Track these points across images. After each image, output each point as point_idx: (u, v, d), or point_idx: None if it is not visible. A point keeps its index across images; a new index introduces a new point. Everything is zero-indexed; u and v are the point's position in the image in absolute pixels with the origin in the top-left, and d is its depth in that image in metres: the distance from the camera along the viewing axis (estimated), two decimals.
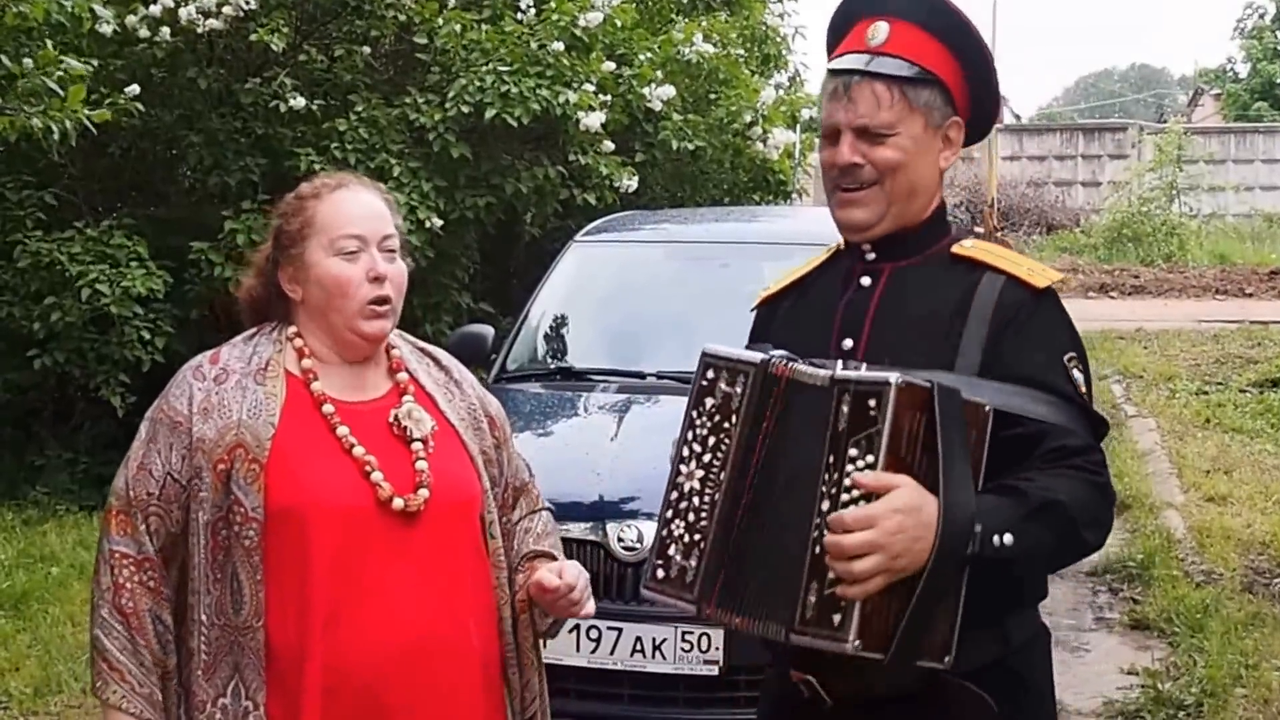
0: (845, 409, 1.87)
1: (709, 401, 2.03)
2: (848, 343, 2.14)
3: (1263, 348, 12.28)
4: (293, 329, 2.30)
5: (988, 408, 1.94)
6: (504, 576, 2.33)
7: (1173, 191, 21.88)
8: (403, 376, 2.33)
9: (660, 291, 5.83)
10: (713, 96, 9.56)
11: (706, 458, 2.02)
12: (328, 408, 2.24)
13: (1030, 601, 2.18)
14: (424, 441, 2.26)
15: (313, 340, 2.29)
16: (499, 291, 9.05)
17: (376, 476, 2.19)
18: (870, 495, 1.85)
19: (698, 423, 2.04)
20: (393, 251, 2.28)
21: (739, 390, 2.01)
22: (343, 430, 2.22)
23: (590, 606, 2.31)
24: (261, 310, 2.35)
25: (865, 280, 2.18)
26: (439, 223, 7.73)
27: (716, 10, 10.46)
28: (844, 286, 2.20)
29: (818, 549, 1.86)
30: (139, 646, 2.16)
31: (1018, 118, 36.48)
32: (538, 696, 2.40)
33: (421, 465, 2.23)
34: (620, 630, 4.11)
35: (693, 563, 2.01)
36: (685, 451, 2.04)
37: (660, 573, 2.05)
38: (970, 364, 2.04)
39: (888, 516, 1.83)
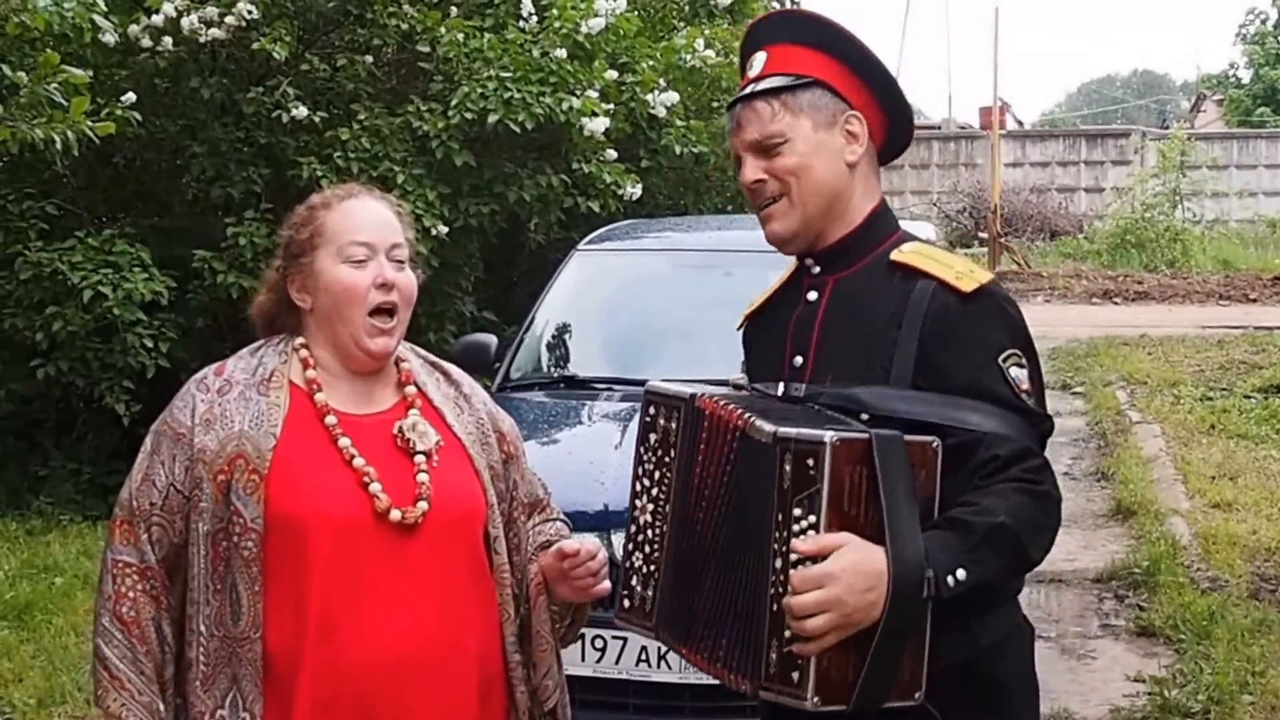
0: (788, 468, 1.89)
1: (652, 437, 2.14)
2: (798, 360, 2.19)
3: (1267, 353, 12.28)
4: (300, 340, 2.31)
5: (935, 445, 1.96)
6: (508, 593, 2.32)
7: (1176, 197, 21.92)
8: (411, 390, 2.32)
9: (663, 299, 5.82)
10: (715, 104, 9.56)
11: (655, 491, 2.12)
12: (330, 419, 2.23)
13: (1002, 601, 2.17)
14: (427, 455, 2.25)
15: (319, 351, 2.29)
16: (502, 300, 9.06)
17: (375, 488, 2.19)
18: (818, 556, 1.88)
19: (645, 458, 2.14)
20: (401, 261, 2.29)
21: (674, 426, 2.10)
22: (344, 441, 2.22)
23: (606, 585, 2.30)
24: (272, 323, 2.36)
25: (812, 295, 2.23)
26: (444, 230, 7.72)
27: (718, 18, 10.45)
28: (794, 303, 2.25)
29: (775, 606, 1.91)
30: (139, 655, 2.16)
31: (1020, 124, 36.48)
32: (558, 688, 2.38)
33: (422, 478, 2.22)
34: (625, 639, 4.10)
35: (650, 593, 2.13)
36: (638, 486, 2.14)
37: (625, 603, 2.17)
38: (903, 375, 2.07)
39: (835, 576, 1.87)
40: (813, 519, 1.87)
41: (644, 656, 4.10)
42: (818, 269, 2.23)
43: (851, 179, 2.21)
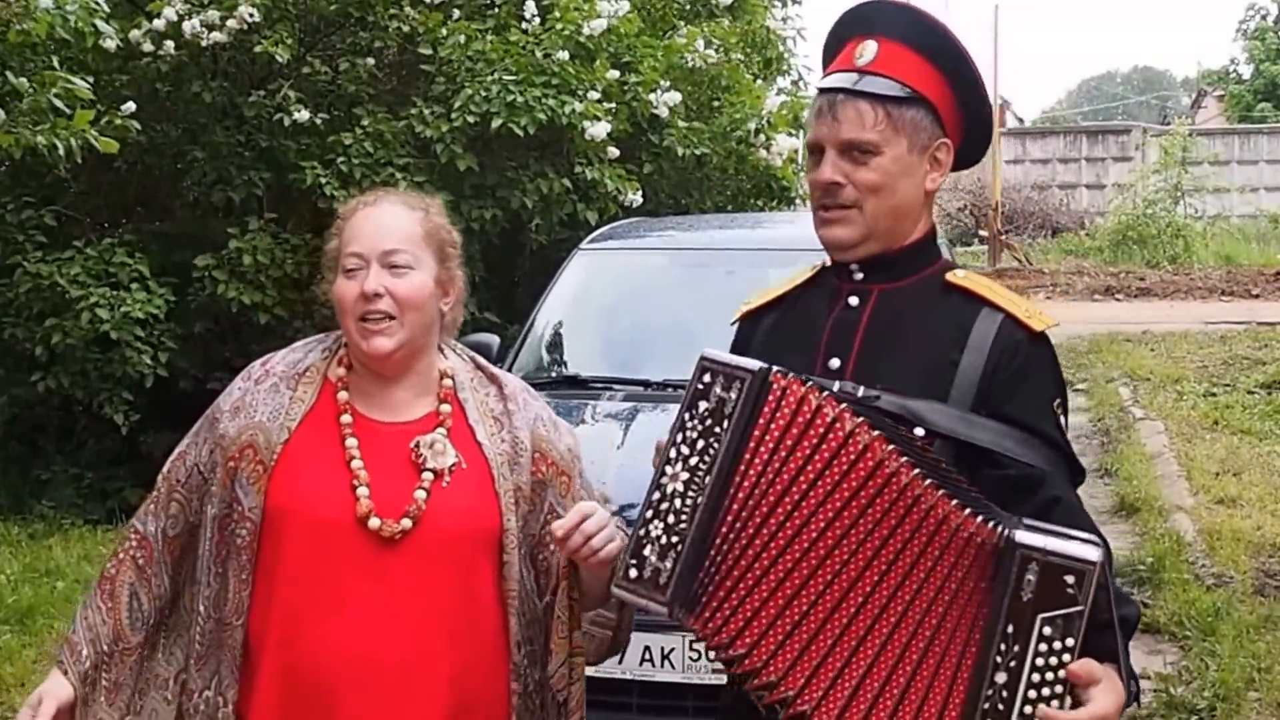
0: (1031, 579, 1.79)
1: (702, 405, 2.02)
2: (834, 362, 2.13)
3: (1270, 349, 12.27)
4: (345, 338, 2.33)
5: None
6: (519, 620, 2.26)
7: (1177, 193, 21.90)
8: (445, 409, 2.30)
9: (665, 299, 5.82)
10: (715, 103, 9.55)
11: (694, 461, 2.00)
12: (345, 418, 2.25)
13: None
14: (437, 474, 2.22)
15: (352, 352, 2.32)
16: (504, 300, 9.05)
17: (361, 491, 2.18)
18: (1067, 683, 1.79)
19: (689, 425, 2.01)
20: (399, 267, 2.24)
21: (733, 397, 1.99)
22: (351, 442, 2.22)
23: (611, 546, 2.17)
24: None
25: (853, 300, 2.16)
26: None
27: (719, 16, 10.44)
28: (830, 305, 2.19)
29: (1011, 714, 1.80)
30: (92, 606, 2.27)
31: (1020, 121, 36.47)
32: (574, 681, 2.29)
33: (419, 495, 2.20)
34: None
35: (668, 564, 2.00)
36: (673, 453, 2.02)
37: (633, 572, 2.02)
38: (964, 398, 2.05)
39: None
40: (1070, 642, 1.77)
41: (647, 656, 4.10)
42: (861, 275, 2.17)
43: (923, 204, 2.18)
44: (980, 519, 1.85)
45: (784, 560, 1.94)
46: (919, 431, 1.99)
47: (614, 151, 8.17)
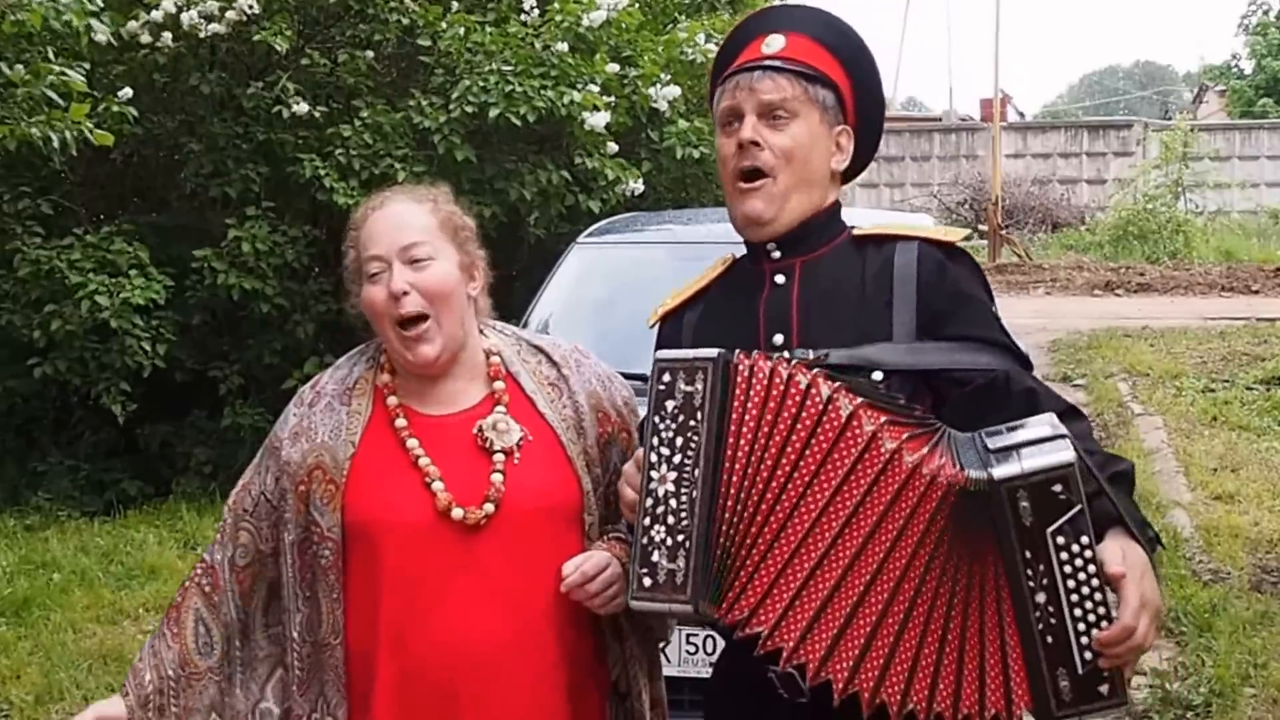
0: (1026, 505, 1.84)
1: (670, 404, 2.03)
2: (778, 338, 2.17)
3: (1269, 345, 12.25)
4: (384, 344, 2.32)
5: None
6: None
7: (1178, 188, 21.89)
8: (499, 385, 2.30)
9: (663, 292, 5.77)
10: None
11: (677, 459, 2.01)
12: (400, 421, 2.24)
13: None
14: (508, 453, 2.22)
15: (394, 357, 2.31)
16: (502, 294, 8.96)
17: (436, 486, 2.18)
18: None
19: (661, 427, 2.03)
20: (421, 260, 2.23)
21: (700, 388, 2.01)
22: (412, 443, 2.22)
23: (617, 604, 2.19)
24: None
25: (780, 278, 2.22)
26: None
27: (719, 10, 10.42)
28: (758, 288, 2.23)
29: (1050, 638, 1.85)
30: (159, 635, 2.28)
31: (1021, 115, 36.43)
32: (635, 676, 2.33)
33: (495, 478, 2.19)
34: None
35: (680, 563, 2.00)
36: (654, 458, 2.03)
37: (646, 580, 2.02)
38: (907, 330, 2.10)
39: (1149, 595, 1.86)
40: (1084, 539, 1.83)
41: None
42: (779, 253, 2.23)
43: (829, 184, 2.25)
44: (953, 464, 1.88)
45: (788, 533, 1.96)
46: (877, 375, 2.04)
47: (613, 147, 8.15)
